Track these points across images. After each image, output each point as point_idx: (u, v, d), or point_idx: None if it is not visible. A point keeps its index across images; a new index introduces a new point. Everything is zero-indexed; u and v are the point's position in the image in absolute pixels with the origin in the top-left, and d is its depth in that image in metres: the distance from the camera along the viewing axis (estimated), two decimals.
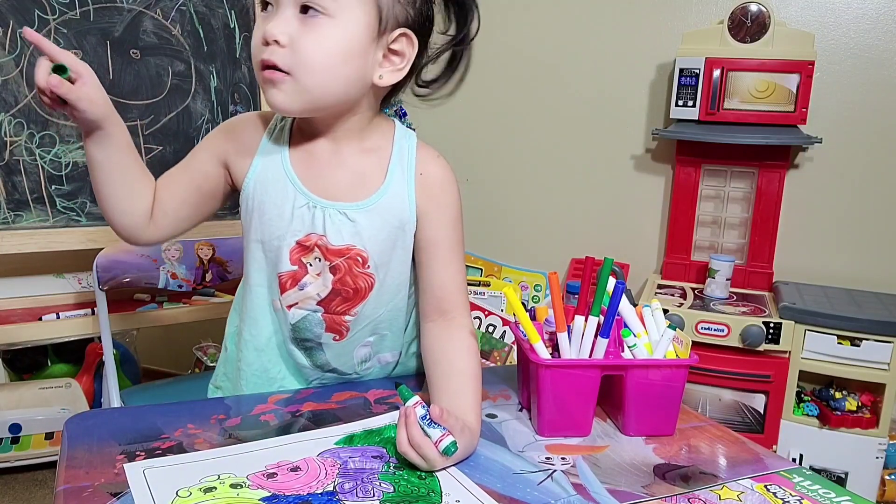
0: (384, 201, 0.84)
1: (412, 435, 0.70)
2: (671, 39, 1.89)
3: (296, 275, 0.86)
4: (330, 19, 0.75)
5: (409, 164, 0.86)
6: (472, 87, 2.38)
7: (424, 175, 0.86)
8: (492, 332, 2.05)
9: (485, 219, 2.23)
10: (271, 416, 0.84)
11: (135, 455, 0.73)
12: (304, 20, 0.75)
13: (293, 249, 0.85)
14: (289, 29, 0.75)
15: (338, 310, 0.88)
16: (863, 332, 1.59)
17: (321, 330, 0.89)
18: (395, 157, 0.86)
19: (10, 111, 1.58)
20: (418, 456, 0.70)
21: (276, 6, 0.76)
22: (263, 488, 0.67)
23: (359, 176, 0.85)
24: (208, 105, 1.83)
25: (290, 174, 0.84)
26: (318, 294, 0.86)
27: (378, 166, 0.86)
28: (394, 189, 0.85)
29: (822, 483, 0.72)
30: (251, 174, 0.85)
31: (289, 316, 0.88)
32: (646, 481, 0.72)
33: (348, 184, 0.85)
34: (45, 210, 1.65)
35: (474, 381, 0.82)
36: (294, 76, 0.76)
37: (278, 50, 0.75)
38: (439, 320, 0.87)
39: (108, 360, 1.42)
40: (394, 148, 0.87)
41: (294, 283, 0.86)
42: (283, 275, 0.86)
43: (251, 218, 0.86)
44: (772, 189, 1.84)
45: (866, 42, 1.78)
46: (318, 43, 0.75)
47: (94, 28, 1.66)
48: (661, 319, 0.86)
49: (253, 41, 0.79)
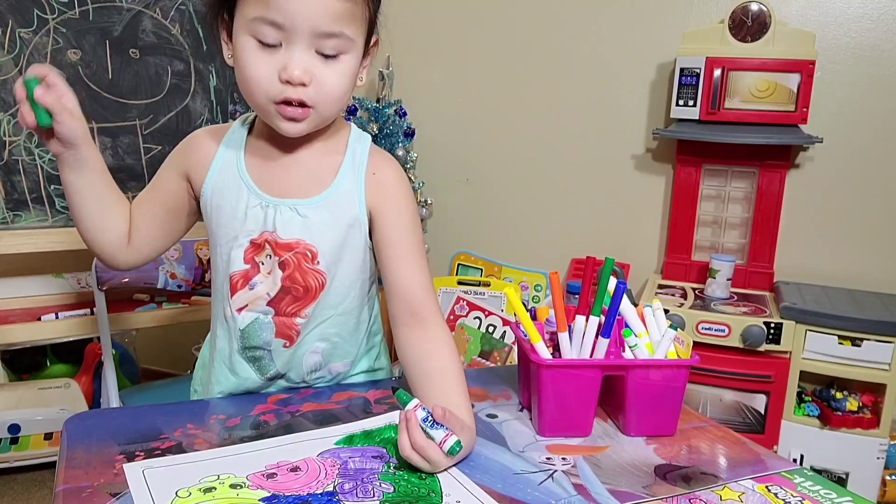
0: (334, 198, 0.86)
1: (414, 438, 0.70)
2: (672, 39, 1.88)
3: (247, 273, 0.87)
4: (347, 54, 0.79)
5: (361, 163, 0.88)
6: (473, 86, 2.39)
7: (377, 175, 0.88)
8: (492, 332, 2.05)
9: (485, 219, 2.23)
10: (271, 416, 0.84)
11: (134, 455, 0.73)
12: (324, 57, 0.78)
13: (247, 249, 0.86)
14: (311, 67, 0.77)
15: (288, 310, 0.87)
16: (864, 333, 1.59)
17: (270, 336, 0.88)
18: (348, 158, 0.88)
19: (9, 111, 1.58)
20: (422, 459, 0.70)
21: (287, 44, 0.76)
22: (263, 488, 0.66)
23: (312, 174, 0.87)
24: (207, 105, 1.83)
25: (245, 177, 0.87)
26: (268, 293, 0.87)
27: (330, 165, 0.88)
28: (344, 187, 0.87)
29: (823, 483, 0.72)
30: (208, 181, 0.88)
31: (238, 321, 0.88)
32: (647, 482, 0.72)
33: (301, 182, 0.87)
34: (43, 210, 1.65)
35: (460, 379, 0.82)
36: (316, 109, 0.80)
37: (303, 89, 0.77)
38: (412, 323, 0.86)
39: (107, 360, 1.42)
40: (347, 149, 0.89)
41: (245, 283, 0.87)
42: (235, 275, 0.87)
43: (210, 223, 0.89)
44: (772, 189, 1.84)
45: (867, 41, 1.78)
46: (340, 78, 0.80)
47: (94, 28, 1.65)
48: (662, 319, 0.86)
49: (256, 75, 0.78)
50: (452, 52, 2.17)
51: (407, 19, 2.20)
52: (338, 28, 0.76)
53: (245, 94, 0.82)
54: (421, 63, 2.20)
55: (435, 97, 2.20)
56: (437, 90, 2.20)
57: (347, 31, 0.77)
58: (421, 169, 2.16)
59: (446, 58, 2.18)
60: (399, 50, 2.14)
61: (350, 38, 0.78)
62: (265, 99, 0.79)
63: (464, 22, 2.15)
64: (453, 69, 2.18)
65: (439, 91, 2.20)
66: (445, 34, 2.17)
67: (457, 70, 2.18)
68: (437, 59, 2.19)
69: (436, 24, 2.19)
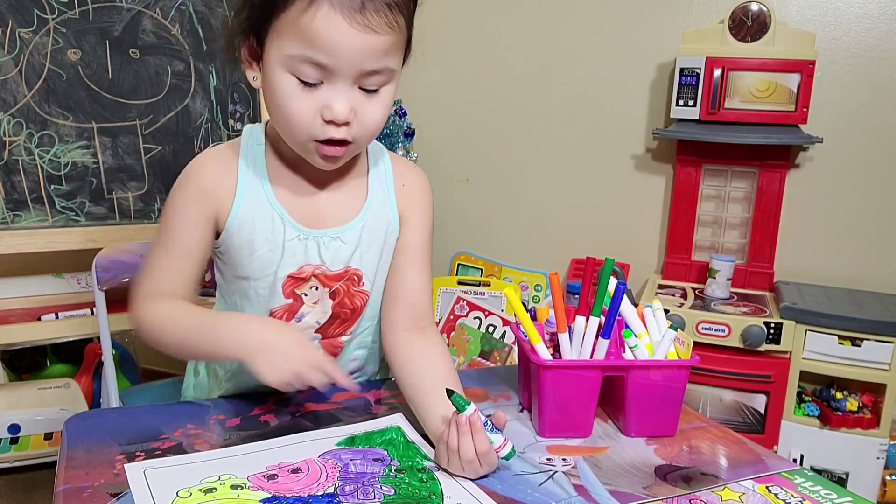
0: (370, 217, 0.86)
1: (480, 442, 0.69)
2: (672, 39, 1.88)
3: (291, 307, 0.86)
4: (388, 85, 0.77)
5: (387, 176, 0.88)
6: (473, 87, 2.39)
7: (406, 185, 0.89)
8: (492, 332, 2.05)
9: (485, 219, 2.23)
10: (271, 417, 0.83)
11: (134, 455, 0.73)
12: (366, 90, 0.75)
13: (285, 283, 0.84)
14: (354, 104, 0.74)
15: (335, 332, 0.89)
16: (864, 333, 1.59)
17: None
18: (373, 172, 0.88)
19: (9, 111, 1.58)
20: (479, 465, 0.69)
21: (329, 82, 0.73)
22: (264, 489, 0.66)
23: (343, 196, 0.86)
24: (207, 105, 1.83)
25: (277, 208, 0.83)
26: (318, 322, 0.87)
27: (358, 184, 0.87)
28: (377, 205, 0.86)
29: (823, 484, 0.72)
30: (234, 214, 0.82)
31: None
32: (647, 482, 0.72)
33: (335, 207, 0.85)
34: (44, 210, 1.65)
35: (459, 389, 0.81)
36: (356, 143, 0.77)
37: (346, 127, 0.75)
38: (413, 329, 0.86)
39: (108, 360, 1.41)
40: (369, 162, 0.88)
41: (290, 317, 0.86)
42: (277, 310, 0.86)
43: (238, 257, 0.84)
44: (772, 189, 1.84)
45: (867, 42, 1.78)
46: (381, 110, 0.77)
47: (94, 28, 1.65)
48: (662, 320, 0.86)
49: (297, 113, 0.74)
50: (452, 52, 2.17)
51: None
52: (382, 64, 0.74)
53: (282, 130, 0.78)
54: (421, 63, 2.19)
55: (435, 97, 2.20)
56: (437, 90, 2.20)
57: (391, 63, 0.75)
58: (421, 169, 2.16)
59: (446, 58, 2.18)
60: None
61: (392, 69, 0.76)
62: (306, 137, 0.75)
63: (464, 22, 2.14)
64: (453, 69, 2.18)
65: (439, 91, 2.20)
66: (445, 34, 2.17)
67: (457, 70, 2.18)
68: (437, 59, 2.19)
69: (436, 25, 2.18)
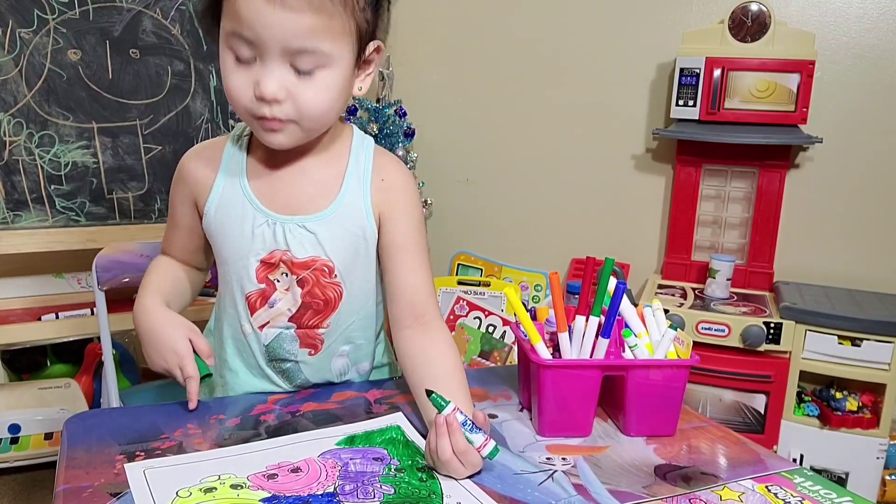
0: (342, 210, 0.85)
1: (457, 442, 0.69)
2: (671, 39, 1.88)
3: (264, 293, 0.87)
4: (325, 69, 0.75)
5: (366, 170, 0.87)
6: (473, 87, 2.39)
7: (386, 181, 0.87)
8: (492, 332, 2.05)
9: (485, 219, 2.23)
10: (271, 416, 0.84)
11: (134, 455, 0.73)
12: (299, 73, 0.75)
13: (258, 268, 0.85)
14: (285, 83, 0.74)
15: (310, 323, 0.88)
16: (863, 333, 1.59)
17: (295, 347, 0.89)
18: (352, 165, 0.87)
19: (9, 111, 1.58)
20: (460, 464, 0.69)
21: (260, 59, 0.74)
22: (264, 489, 0.67)
23: (317, 186, 0.85)
24: (208, 105, 1.83)
25: (248, 194, 0.85)
26: (289, 309, 0.87)
27: (335, 175, 0.86)
28: (349, 198, 0.85)
29: (823, 483, 0.72)
30: (210, 201, 0.86)
31: (261, 337, 0.88)
32: (647, 482, 0.72)
33: (307, 196, 0.85)
34: (44, 210, 1.65)
35: (464, 384, 0.82)
36: (298, 123, 0.77)
37: (277, 105, 0.75)
38: (416, 326, 0.86)
39: (108, 360, 1.41)
40: (351, 155, 0.87)
41: (263, 302, 0.87)
42: (252, 294, 0.87)
43: (215, 242, 0.88)
44: (772, 189, 1.84)
45: (867, 42, 1.78)
46: (319, 94, 0.76)
47: (94, 28, 1.65)
48: (662, 320, 0.86)
49: (234, 89, 0.76)
50: (452, 52, 2.17)
51: (407, 20, 2.20)
52: (310, 44, 0.72)
53: (232, 107, 0.83)
54: (421, 63, 2.20)
55: (435, 97, 2.20)
56: (437, 90, 2.20)
57: (323, 46, 0.73)
58: (421, 169, 2.16)
59: (446, 58, 2.18)
60: (399, 50, 2.14)
61: (326, 53, 0.74)
62: (245, 112, 0.78)
63: (464, 22, 2.14)
64: (453, 69, 2.18)
65: (439, 91, 2.20)
66: (445, 34, 2.17)
67: (457, 70, 2.18)
68: (437, 59, 2.19)
69: (436, 25, 2.18)
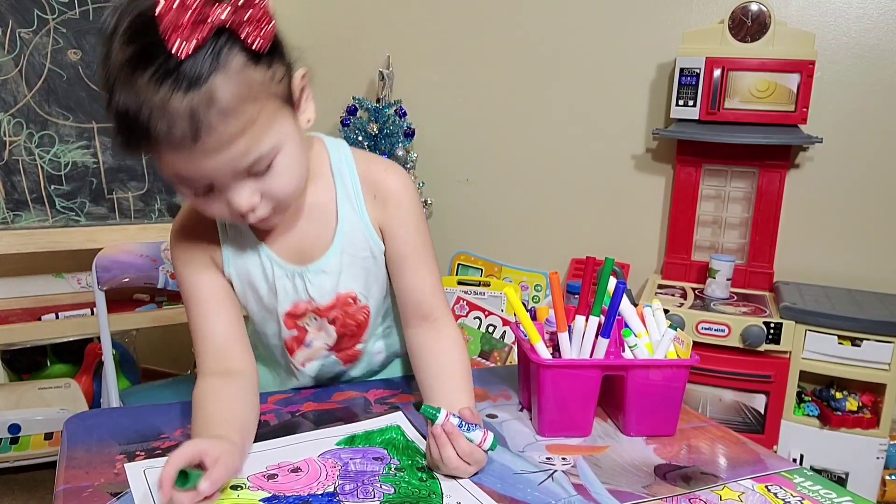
0: (345, 239, 0.84)
1: (460, 446, 0.69)
2: (671, 39, 1.88)
3: (298, 337, 0.89)
4: (279, 155, 0.71)
5: (355, 190, 0.83)
6: (473, 87, 2.39)
7: (378, 196, 0.84)
8: (492, 332, 2.05)
9: (485, 219, 2.23)
10: (271, 416, 0.84)
11: (134, 455, 0.73)
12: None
13: (286, 319, 0.87)
14: (253, 190, 0.71)
15: (348, 346, 0.92)
16: (863, 333, 1.59)
17: (340, 366, 0.94)
18: (339, 188, 0.83)
19: (9, 111, 1.58)
20: (467, 465, 0.70)
21: (218, 187, 0.70)
22: (264, 489, 0.67)
23: (316, 225, 0.83)
24: None
25: (264, 249, 0.83)
26: (326, 344, 0.90)
27: (328, 208, 0.83)
28: (348, 224, 0.84)
29: (823, 483, 0.72)
30: (226, 260, 0.84)
31: (307, 370, 0.92)
32: (646, 481, 0.72)
33: (312, 238, 0.84)
34: (44, 210, 1.65)
35: (467, 379, 0.83)
36: (279, 206, 0.74)
37: (255, 211, 0.72)
38: (423, 324, 0.87)
39: (108, 360, 1.41)
40: (335, 177, 0.84)
41: (300, 344, 0.89)
42: (288, 340, 0.89)
43: (243, 295, 0.86)
44: (772, 189, 1.84)
45: (867, 42, 1.78)
46: (284, 177, 0.72)
47: (94, 28, 1.65)
48: (661, 319, 0.86)
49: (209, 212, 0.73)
50: (452, 52, 2.17)
51: (407, 20, 2.20)
52: (253, 156, 0.68)
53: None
54: (421, 63, 2.20)
55: (435, 97, 2.20)
56: (437, 90, 2.20)
57: (263, 147, 0.68)
58: (421, 169, 2.16)
59: (446, 58, 2.18)
60: (399, 50, 2.14)
61: (271, 147, 0.69)
62: (230, 222, 0.79)
63: (463, 22, 2.14)
64: (453, 69, 2.18)
65: (439, 91, 2.20)
66: (445, 34, 2.17)
67: (457, 70, 2.18)
68: (437, 59, 2.19)
69: (435, 25, 2.18)
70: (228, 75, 0.63)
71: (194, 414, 0.75)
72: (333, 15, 2.28)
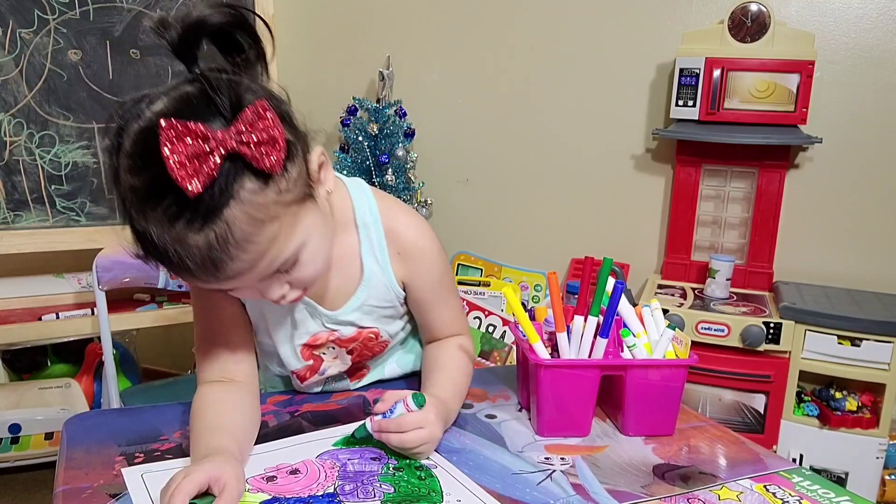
0: (370, 292, 0.85)
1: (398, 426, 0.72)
2: (671, 39, 1.88)
3: (312, 367, 0.89)
4: (304, 249, 0.70)
5: (380, 245, 0.83)
6: (473, 87, 2.39)
7: (402, 253, 0.85)
8: (492, 332, 2.05)
9: (485, 219, 2.23)
10: (270, 417, 0.84)
11: (134, 457, 0.73)
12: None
13: (303, 350, 0.87)
14: (283, 282, 0.71)
15: (360, 368, 0.94)
16: (863, 333, 1.59)
17: (346, 382, 0.95)
18: (364, 241, 0.83)
19: (9, 111, 1.58)
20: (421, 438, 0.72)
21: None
22: (263, 491, 0.67)
23: (339, 277, 0.83)
24: None
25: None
26: (340, 371, 0.91)
27: (352, 262, 0.83)
28: (374, 280, 0.85)
29: (822, 483, 0.72)
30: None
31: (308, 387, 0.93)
32: (645, 481, 0.72)
33: (333, 288, 0.84)
34: (44, 210, 1.65)
35: (455, 375, 0.85)
36: (306, 289, 0.75)
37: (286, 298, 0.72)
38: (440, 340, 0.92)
39: (108, 360, 1.42)
40: (359, 229, 0.83)
41: (313, 373, 0.90)
42: (300, 370, 0.89)
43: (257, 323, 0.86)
44: (772, 189, 1.84)
45: (867, 42, 1.78)
46: (311, 267, 0.71)
47: (94, 28, 1.66)
48: (660, 319, 0.86)
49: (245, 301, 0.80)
50: (452, 52, 2.17)
51: (407, 20, 2.20)
52: (278, 265, 0.68)
53: None
54: (421, 63, 2.20)
55: (435, 97, 2.20)
56: (437, 90, 2.21)
57: (286, 252, 0.67)
58: (421, 169, 2.16)
59: (446, 58, 2.18)
60: (399, 50, 2.14)
61: (296, 247, 0.68)
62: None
63: (463, 22, 2.15)
64: (453, 69, 2.18)
65: (439, 91, 2.20)
66: (445, 34, 2.17)
67: (457, 70, 2.18)
68: (437, 59, 2.19)
69: (435, 25, 2.19)
70: (242, 205, 0.61)
71: (193, 420, 0.74)
72: (333, 15, 2.28)
